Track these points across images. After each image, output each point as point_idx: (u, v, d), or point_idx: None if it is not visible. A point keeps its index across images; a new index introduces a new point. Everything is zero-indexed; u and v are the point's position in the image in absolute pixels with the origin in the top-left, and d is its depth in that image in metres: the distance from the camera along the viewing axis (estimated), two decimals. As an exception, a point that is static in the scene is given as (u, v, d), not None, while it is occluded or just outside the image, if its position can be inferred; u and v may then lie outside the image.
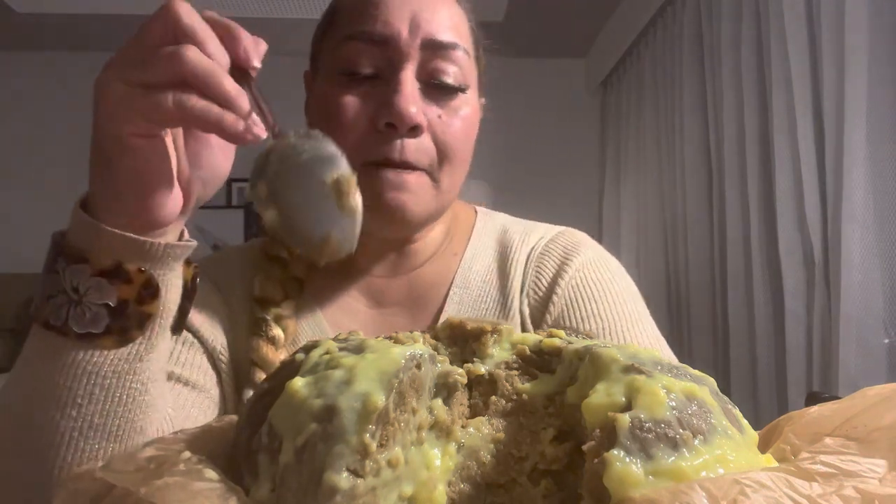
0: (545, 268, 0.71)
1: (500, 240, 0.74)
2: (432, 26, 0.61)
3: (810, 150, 1.67)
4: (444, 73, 0.61)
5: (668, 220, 2.65)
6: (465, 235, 0.74)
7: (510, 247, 0.73)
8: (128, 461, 0.34)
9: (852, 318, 1.47)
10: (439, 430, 0.37)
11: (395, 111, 0.58)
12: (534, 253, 0.72)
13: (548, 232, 0.75)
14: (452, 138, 0.62)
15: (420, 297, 0.71)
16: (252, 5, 3.00)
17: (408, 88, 0.59)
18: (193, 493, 0.31)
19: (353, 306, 0.70)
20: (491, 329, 0.42)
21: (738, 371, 2.03)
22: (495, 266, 0.72)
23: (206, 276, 0.68)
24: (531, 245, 0.73)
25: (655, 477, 0.30)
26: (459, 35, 0.63)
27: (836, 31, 1.55)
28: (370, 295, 0.71)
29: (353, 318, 0.70)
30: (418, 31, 0.60)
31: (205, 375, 0.64)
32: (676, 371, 0.36)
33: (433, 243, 0.72)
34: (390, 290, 0.71)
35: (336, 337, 0.41)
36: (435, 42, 0.61)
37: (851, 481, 0.30)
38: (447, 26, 0.62)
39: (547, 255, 0.71)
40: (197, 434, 0.39)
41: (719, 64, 2.13)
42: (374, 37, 0.60)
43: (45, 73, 3.62)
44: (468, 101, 0.65)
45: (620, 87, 3.30)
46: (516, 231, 0.75)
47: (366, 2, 0.62)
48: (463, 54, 0.63)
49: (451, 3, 0.65)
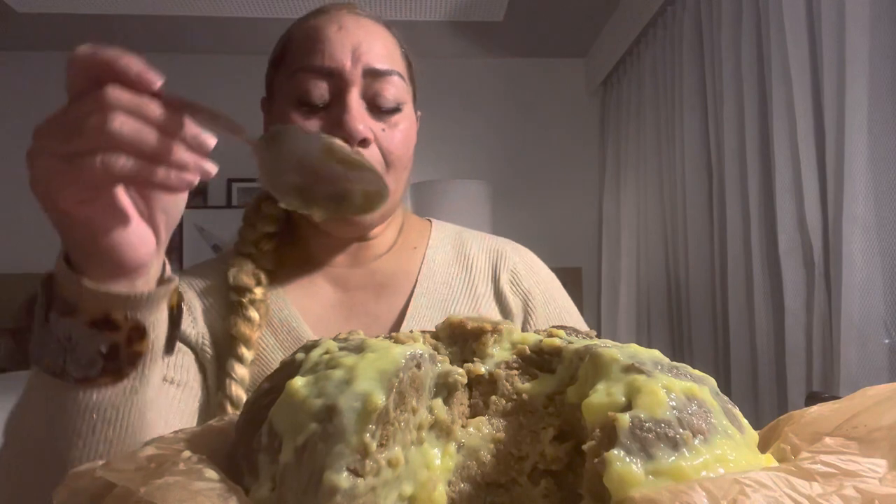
0: (507, 261, 0.86)
1: (456, 239, 0.89)
2: (370, 57, 0.72)
3: (810, 150, 1.67)
4: (383, 95, 0.73)
5: (668, 220, 2.65)
6: (424, 235, 0.88)
7: (467, 245, 0.88)
8: (128, 460, 0.34)
9: (852, 318, 1.47)
10: (439, 429, 0.37)
11: (346, 128, 0.69)
12: (495, 251, 0.87)
13: (500, 241, 0.91)
14: (395, 147, 0.74)
15: (384, 284, 0.82)
16: (252, 5, 3.00)
17: (354, 109, 0.70)
18: (193, 492, 0.31)
19: (318, 292, 0.80)
20: (491, 329, 0.42)
21: (738, 371, 2.03)
22: (456, 258, 0.86)
23: (183, 278, 0.79)
24: (490, 248, 0.88)
25: (656, 477, 0.30)
26: (393, 62, 0.75)
27: (836, 31, 1.55)
28: (334, 282, 0.81)
29: (319, 301, 0.79)
30: (359, 61, 0.72)
31: (187, 372, 0.72)
32: (676, 371, 0.36)
33: (387, 239, 0.84)
34: (353, 277, 0.81)
35: (336, 337, 0.41)
36: (373, 70, 0.72)
37: (851, 481, 0.30)
38: (383, 56, 0.74)
39: (505, 252, 0.88)
40: (197, 433, 0.39)
41: (719, 64, 2.13)
42: (323, 70, 0.71)
43: (45, 73, 3.62)
44: (406, 117, 0.76)
45: (620, 87, 3.30)
46: (470, 235, 0.90)
47: (314, 38, 0.73)
48: (398, 78, 0.75)
49: (386, 35, 0.76)
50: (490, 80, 3.69)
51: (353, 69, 0.71)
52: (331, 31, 0.72)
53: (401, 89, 0.74)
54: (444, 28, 3.30)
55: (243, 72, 3.77)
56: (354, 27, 0.73)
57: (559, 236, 3.69)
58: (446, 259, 0.85)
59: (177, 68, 3.69)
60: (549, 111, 3.76)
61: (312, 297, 0.79)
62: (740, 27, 2.00)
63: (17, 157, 3.38)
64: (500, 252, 0.87)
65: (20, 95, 3.59)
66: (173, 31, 3.39)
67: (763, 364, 1.89)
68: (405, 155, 0.76)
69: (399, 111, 0.74)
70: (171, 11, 3.12)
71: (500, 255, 0.87)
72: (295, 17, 0.83)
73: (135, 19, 3.22)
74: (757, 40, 1.94)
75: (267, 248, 0.80)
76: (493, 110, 3.68)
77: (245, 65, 3.79)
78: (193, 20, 3.24)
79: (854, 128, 1.48)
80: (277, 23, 3.18)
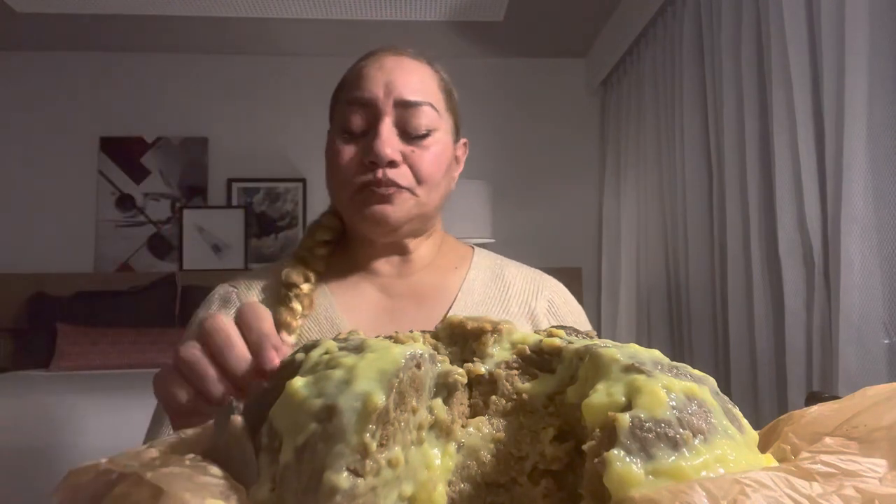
0: (544, 290, 0.92)
1: (496, 265, 0.95)
2: (402, 89, 0.81)
3: (810, 150, 1.67)
4: (413, 123, 0.81)
5: (668, 220, 2.65)
6: (465, 259, 0.95)
7: (506, 272, 0.94)
8: (133, 458, 0.34)
9: (852, 318, 1.47)
10: (439, 429, 0.37)
11: (374, 151, 0.79)
12: (532, 280, 0.93)
13: (538, 273, 0.96)
14: (424, 166, 0.82)
15: (426, 295, 0.89)
16: (252, 5, 3.00)
17: (384, 135, 0.79)
18: (199, 485, 0.31)
19: (364, 294, 0.88)
20: (491, 328, 0.42)
21: (738, 371, 2.03)
22: (494, 282, 0.92)
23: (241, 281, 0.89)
24: (528, 278, 0.94)
25: (656, 477, 0.30)
26: (426, 94, 0.83)
27: (836, 31, 1.55)
28: (379, 288, 0.89)
29: (364, 303, 0.87)
30: (391, 94, 0.81)
31: None
32: (677, 371, 0.36)
33: (425, 255, 0.91)
34: (396, 286, 0.89)
35: (336, 337, 0.41)
36: (404, 101, 0.81)
37: (851, 481, 0.30)
38: (415, 89, 0.82)
39: (543, 282, 0.94)
40: (199, 433, 0.39)
41: (719, 64, 2.13)
42: (361, 101, 0.82)
43: (45, 73, 3.63)
44: (437, 141, 0.84)
45: (620, 87, 3.30)
46: (510, 264, 0.96)
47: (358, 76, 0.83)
48: (429, 109, 0.83)
49: (423, 70, 0.85)
50: (490, 80, 3.70)
51: (385, 100, 0.81)
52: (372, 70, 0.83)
53: (431, 118, 0.83)
54: (444, 28, 3.30)
55: (244, 72, 3.78)
56: (392, 65, 0.83)
57: (559, 236, 3.69)
58: (485, 282, 0.92)
59: (177, 68, 3.69)
60: (549, 111, 3.76)
61: (358, 298, 0.88)
62: (740, 27, 2.00)
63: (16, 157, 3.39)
64: (537, 281, 0.94)
65: (20, 95, 3.59)
66: (173, 31, 3.39)
67: (763, 364, 1.89)
68: (436, 172, 0.83)
69: (428, 136, 0.82)
70: (171, 11, 3.12)
71: (537, 284, 0.93)
72: (294, 17, 0.88)
73: (135, 19, 3.22)
74: (757, 40, 1.94)
75: (320, 253, 0.88)
76: (494, 110, 3.68)
77: (246, 65, 3.80)
78: (193, 20, 3.24)
79: (854, 128, 1.48)
80: (278, 23, 3.18)
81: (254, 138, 3.64)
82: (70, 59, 3.64)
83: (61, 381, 2.61)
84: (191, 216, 3.63)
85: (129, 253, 3.59)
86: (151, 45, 3.57)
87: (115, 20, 3.23)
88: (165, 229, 3.65)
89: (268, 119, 3.65)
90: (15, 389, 2.43)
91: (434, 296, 0.89)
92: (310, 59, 3.66)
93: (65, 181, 3.56)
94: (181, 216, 3.62)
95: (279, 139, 3.65)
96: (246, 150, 3.63)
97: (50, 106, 3.61)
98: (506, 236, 3.46)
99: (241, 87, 3.70)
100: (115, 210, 3.61)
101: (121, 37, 3.45)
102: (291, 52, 3.64)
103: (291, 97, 3.68)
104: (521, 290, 0.92)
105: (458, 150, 0.92)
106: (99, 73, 3.65)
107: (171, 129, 3.67)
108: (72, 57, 3.64)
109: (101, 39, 3.49)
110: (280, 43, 3.52)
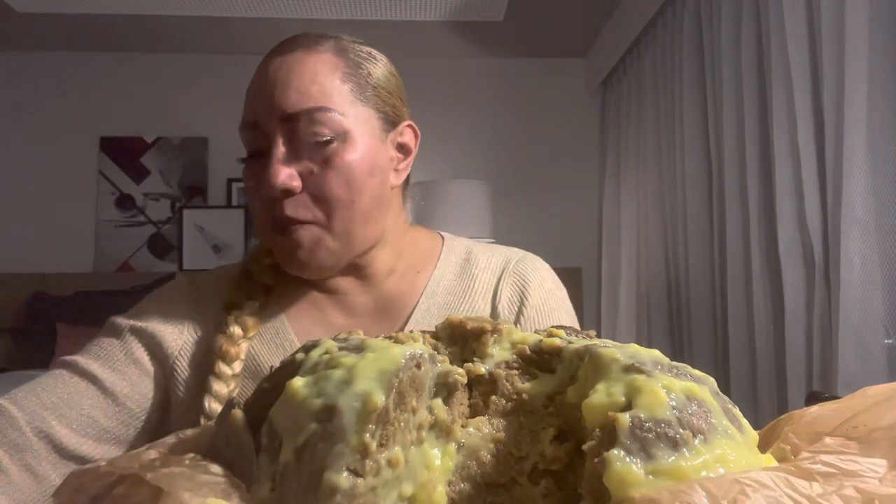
0: (514, 287, 0.83)
1: (465, 259, 0.85)
2: (285, 101, 0.70)
3: (810, 149, 1.67)
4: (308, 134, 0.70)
5: (668, 220, 2.65)
6: (431, 258, 0.85)
7: (474, 263, 0.84)
8: (132, 459, 0.34)
9: (852, 318, 1.47)
10: (439, 429, 0.37)
11: (265, 185, 0.69)
12: (503, 274, 0.84)
13: (511, 255, 0.86)
14: (328, 189, 0.70)
15: (386, 308, 0.81)
16: (253, 5, 3.00)
17: (273, 164, 0.69)
18: (199, 483, 0.31)
19: (323, 318, 0.79)
20: (491, 329, 0.42)
21: (738, 371, 2.03)
22: (461, 282, 0.83)
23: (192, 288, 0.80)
24: (497, 265, 0.85)
25: (655, 476, 0.30)
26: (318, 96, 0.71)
27: (836, 31, 1.55)
28: (341, 308, 0.80)
29: (324, 328, 0.78)
30: (273, 111, 0.70)
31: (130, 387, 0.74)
32: (677, 371, 0.36)
33: (385, 264, 0.81)
34: (358, 304, 0.80)
35: (336, 336, 0.41)
36: (288, 115, 0.70)
37: (851, 481, 0.30)
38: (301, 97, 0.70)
39: (514, 277, 0.84)
40: (199, 433, 0.40)
41: (719, 64, 2.13)
42: (248, 124, 0.73)
43: (45, 73, 3.62)
44: (346, 148, 0.71)
45: (620, 86, 3.30)
46: (481, 253, 0.86)
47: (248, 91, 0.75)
48: (321, 114, 0.70)
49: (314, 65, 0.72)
50: (490, 80, 3.69)
51: (268, 119, 0.71)
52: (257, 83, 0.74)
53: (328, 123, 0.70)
54: (444, 28, 3.30)
55: (244, 72, 3.77)
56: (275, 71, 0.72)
57: (559, 236, 3.69)
58: (451, 281, 0.83)
59: (177, 68, 3.69)
60: (549, 111, 3.76)
61: (316, 321, 0.79)
62: (740, 27, 2.00)
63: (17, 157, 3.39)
64: (505, 268, 0.84)
65: (20, 95, 3.59)
66: (173, 31, 3.38)
67: (763, 364, 1.89)
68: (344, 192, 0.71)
69: (330, 143, 0.70)
70: (171, 11, 3.12)
71: (504, 271, 0.84)
72: (294, 17, 0.83)
73: (134, 19, 3.22)
74: (757, 40, 1.94)
75: (268, 262, 0.79)
76: (493, 110, 3.68)
77: (246, 64, 3.79)
78: (194, 20, 3.24)
79: (854, 128, 1.48)
80: (278, 22, 3.18)
81: (254, 138, 3.64)
82: (70, 58, 3.63)
83: (61, 381, 2.60)
84: (191, 216, 3.63)
85: (129, 253, 3.59)
86: (151, 45, 3.57)
87: (115, 20, 3.23)
88: (165, 229, 3.65)
89: (268, 119, 3.65)
90: (15, 389, 2.43)
91: (395, 309, 0.81)
92: (310, 59, 3.65)
93: (65, 181, 3.55)
94: (181, 216, 3.62)
95: (279, 139, 3.65)
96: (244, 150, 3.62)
97: (50, 106, 3.61)
98: (506, 236, 3.46)
99: (241, 87, 3.67)
100: (115, 210, 3.61)
101: (121, 37, 3.45)
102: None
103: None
104: (488, 286, 0.83)
105: (403, 138, 0.79)
106: (99, 72, 3.65)
107: (171, 128, 3.67)
108: (72, 57, 3.63)
109: (101, 39, 3.49)
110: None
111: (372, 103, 0.74)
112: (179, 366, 0.75)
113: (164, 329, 0.77)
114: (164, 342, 0.76)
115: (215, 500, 0.30)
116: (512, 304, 0.82)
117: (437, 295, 0.81)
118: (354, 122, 0.72)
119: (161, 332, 0.76)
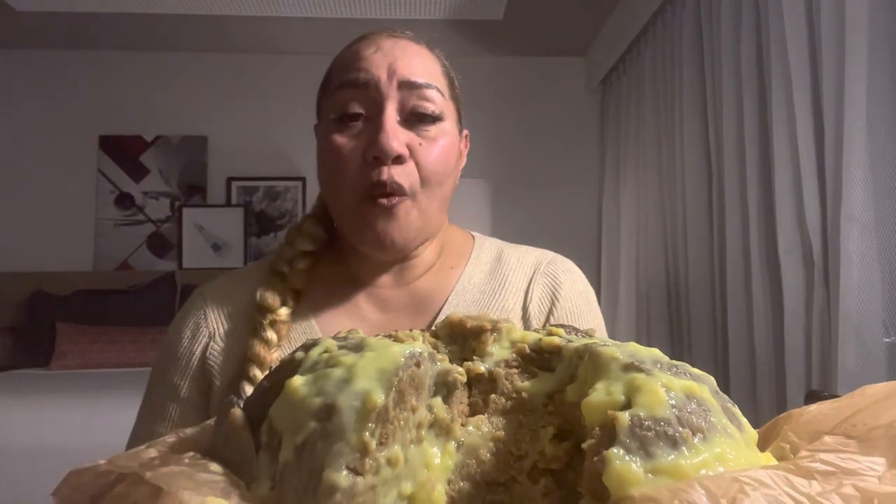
0: (546, 287, 0.83)
1: (496, 258, 0.86)
2: (406, 71, 0.72)
3: (810, 149, 1.67)
4: (420, 106, 0.72)
5: (668, 220, 2.65)
6: (463, 254, 0.86)
7: (505, 261, 0.85)
8: (131, 458, 0.34)
9: (851, 318, 1.47)
10: (439, 428, 0.37)
11: (380, 146, 0.69)
12: (535, 274, 0.84)
13: (542, 255, 0.87)
14: (432, 164, 0.73)
15: (420, 304, 0.81)
16: (253, 5, 3.00)
17: (389, 125, 0.70)
18: (199, 482, 0.31)
19: (359, 313, 0.79)
20: (490, 327, 0.42)
21: (737, 370, 2.03)
22: (492, 280, 0.83)
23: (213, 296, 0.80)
24: (528, 264, 0.85)
25: (655, 475, 0.30)
26: (432, 77, 0.74)
27: (836, 31, 1.55)
28: (376, 303, 0.80)
29: (360, 323, 0.78)
30: (394, 75, 0.72)
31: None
32: (676, 369, 0.36)
33: (428, 259, 0.82)
34: (394, 299, 0.80)
35: (335, 335, 0.41)
36: (409, 82, 0.72)
37: (851, 479, 0.30)
38: (420, 71, 0.73)
39: (546, 278, 0.84)
40: (198, 432, 0.39)
41: (719, 64, 2.13)
42: (359, 83, 0.72)
43: (45, 72, 3.62)
44: (444, 132, 0.75)
45: (620, 86, 3.30)
46: (512, 254, 0.86)
47: (353, 58, 0.74)
48: (436, 92, 0.74)
49: (425, 53, 0.77)
50: (489, 79, 3.69)
51: (388, 82, 0.71)
52: (368, 52, 0.74)
53: (440, 103, 0.74)
54: (443, 26, 3.30)
55: (243, 70, 3.77)
56: (391, 47, 0.74)
57: (559, 236, 3.69)
58: (482, 277, 0.83)
59: (176, 67, 3.69)
60: (548, 110, 3.76)
61: (352, 317, 0.79)
62: (740, 27, 2.00)
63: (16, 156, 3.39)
64: (537, 268, 0.84)
65: (20, 95, 3.59)
66: (173, 30, 3.38)
67: (762, 363, 1.89)
68: (442, 171, 0.74)
69: (438, 121, 0.74)
70: (171, 10, 3.11)
71: (536, 271, 0.84)
72: (293, 16, 0.83)
73: (134, 18, 3.21)
74: (756, 40, 1.94)
75: (301, 266, 0.78)
76: (493, 109, 3.68)
77: (245, 63, 3.79)
78: (193, 18, 3.24)
79: (853, 128, 1.48)
80: (277, 21, 3.18)
81: (253, 137, 3.64)
82: (70, 57, 3.63)
83: (61, 380, 2.61)
84: (190, 215, 3.63)
85: (129, 251, 3.59)
86: (151, 44, 3.56)
87: (114, 18, 3.23)
88: (165, 228, 3.64)
89: (267, 117, 3.65)
90: (14, 388, 2.43)
91: (428, 304, 0.80)
92: (309, 57, 3.65)
93: (64, 180, 3.55)
94: (181, 215, 3.62)
95: (279, 138, 3.65)
96: (245, 148, 3.63)
97: (49, 104, 3.60)
98: (505, 235, 3.46)
99: (241, 85, 3.70)
100: (115, 209, 3.61)
101: (120, 35, 3.44)
102: (291, 50, 3.64)
103: (291, 96, 3.68)
104: (520, 285, 0.83)
105: (462, 144, 0.83)
106: (99, 71, 3.65)
107: (170, 127, 3.67)
108: (71, 55, 3.63)
109: (100, 38, 3.49)
110: (279, 41, 3.52)
111: (455, 104, 0.79)
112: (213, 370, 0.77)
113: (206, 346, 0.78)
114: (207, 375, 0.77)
115: (215, 498, 0.30)
116: (543, 304, 0.82)
117: (467, 292, 0.81)
118: (449, 111, 0.77)
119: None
